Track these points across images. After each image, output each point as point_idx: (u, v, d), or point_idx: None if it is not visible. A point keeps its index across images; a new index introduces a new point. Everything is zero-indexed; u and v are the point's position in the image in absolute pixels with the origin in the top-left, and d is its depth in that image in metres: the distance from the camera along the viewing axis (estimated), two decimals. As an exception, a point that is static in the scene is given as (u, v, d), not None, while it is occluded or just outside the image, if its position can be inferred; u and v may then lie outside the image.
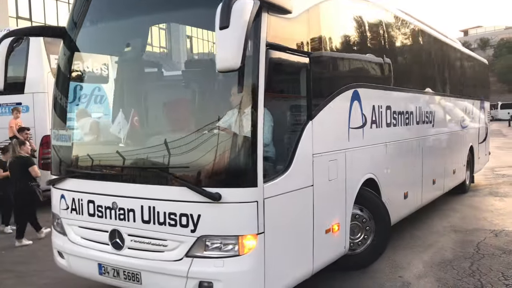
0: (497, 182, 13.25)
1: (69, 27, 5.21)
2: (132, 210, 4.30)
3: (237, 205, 3.91)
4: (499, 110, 59.10)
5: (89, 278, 4.98)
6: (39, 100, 10.90)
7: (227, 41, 3.36)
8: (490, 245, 7.04)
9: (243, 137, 3.90)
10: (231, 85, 3.91)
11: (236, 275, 3.94)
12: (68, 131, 5.12)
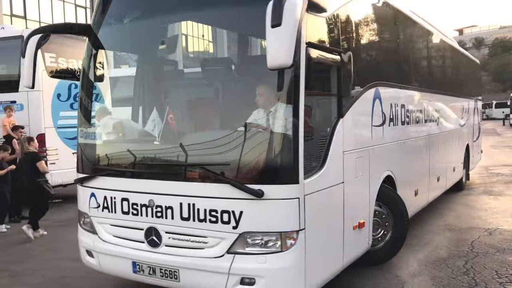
0: (492, 181, 13.30)
1: (95, 25, 5.14)
2: (170, 207, 4.30)
3: (280, 201, 3.95)
4: (494, 109, 59.36)
5: (121, 277, 4.98)
6: (34, 98, 10.85)
7: (279, 39, 3.37)
8: (484, 243, 7.06)
9: (285, 134, 3.94)
10: (273, 82, 3.89)
11: (278, 271, 3.98)
12: (98, 129, 5.09)
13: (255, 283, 4.01)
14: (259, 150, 4.01)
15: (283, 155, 3.97)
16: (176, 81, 5.54)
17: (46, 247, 7.61)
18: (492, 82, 76.63)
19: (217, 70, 5.40)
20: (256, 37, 4.83)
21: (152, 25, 5.12)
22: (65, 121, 11.33)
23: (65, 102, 11.41)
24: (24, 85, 4.89)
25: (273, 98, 4.07)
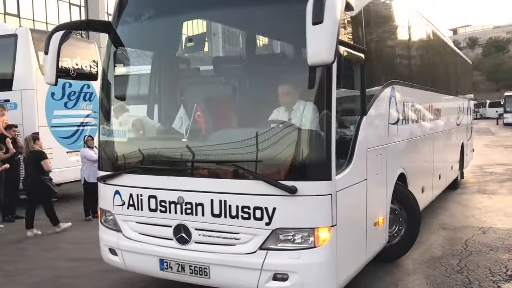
0: (485, 179, 13.38)
1: (116, 22, 5.12)
2: (200, 204, 4.29)
3: (313, 198, 3.98)
4: (488, 109, 59.66)
5: (147, 275, 4.95)
6: (27, 97, 10.81)
7: (320, 36, 3.37)
8: (478, 242, 7.10)
9: (318, 131, 3.99)
10: (305, 80, 3.89)
11: (312, 266, 4.01)
12: (121, 127, 5.07)
13: (288, 278, 4.04)
14: (292, 147, 4.05)
15: (316, 152, 4.01)
16: (204, 79, 5.53)
17: (41, 246, 7.59)
18: (486, 82, 76.97)
19: (246, 67, 5.39)
20: (286, 35, 4.80)
21: (177, 21, 5.14)
22: (59, 120, 11.31)
23: (59, 101, 11.38)
24: (46, 82, 4.90)
25: (306, 96, 4.11)
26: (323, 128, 3.96)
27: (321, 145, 3.98)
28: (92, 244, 7.55)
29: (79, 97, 11.98)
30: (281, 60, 5.11)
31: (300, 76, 4.01)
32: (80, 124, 11.98)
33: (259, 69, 5.16)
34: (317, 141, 4.01)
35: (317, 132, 3.99)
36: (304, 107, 4.13)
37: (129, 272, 6.05)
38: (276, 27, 4.68)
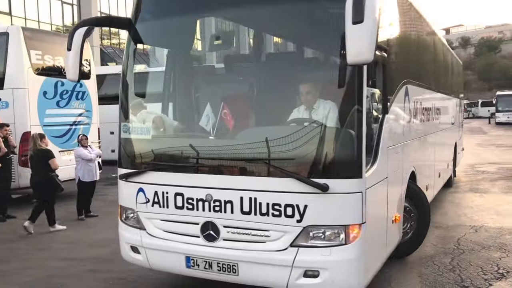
0: (477, 178, 13.46)
1: (136, 19, 5.06)
2: (229, 201, 4.29)
3: (344, 195, 4.02)
4: (480, 108, 60.02)
5: (172, 272, 4.92)
6: (19, 95, 10.73)
7: (360, 35, 3.41)
8: (470, 240, 7.14)
9: (349, 129, 4.02)
10: (338, 78, 3.98)
11: (343, 263, 4.04)
12: (144, 124, 5.02)
13: (318, 275, 4.06)
14: (324, 145, 4.08)
15: (348, 150, 4.05)
16: (229, 77, 5.50)
17: (33, 246, 7.54)
18: (478, 81, 77.43)
19: (273, 66, 5.34)
20: (314, 33, 4.77)
21: (199, 19, 5.16)
22: (51, 119, 11.24)
23: (51, 100, 11.31)
24: (69, 78, 4.80)
25: (339, 94, 4.12)
26: (354, 127, 4.00)
27: (352, 143, 4.01)
28: (84, 243, 7.55)
29: (72, 96, 11.91)
30: (308, 59, 5.14)
31: (329, 75, 4.08)
32: (72, 123, 11.91)
33: (286, 67, 5.15)
34: (349, 140, 4.04)
35: (349, 130, 4.02)
36: (328, 106, 4.21)
37: (122, 272, 6.05)
38: (303, 26, 4.67)
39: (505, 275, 5.70)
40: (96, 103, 12.69)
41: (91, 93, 12.46)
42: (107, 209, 10.20)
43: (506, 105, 43.93)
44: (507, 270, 5.85)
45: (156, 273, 5.98)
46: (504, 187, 11.95)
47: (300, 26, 4.72)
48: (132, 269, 6.19)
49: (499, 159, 17.93)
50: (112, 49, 31.31)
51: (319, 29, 4.47)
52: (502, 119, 44.46)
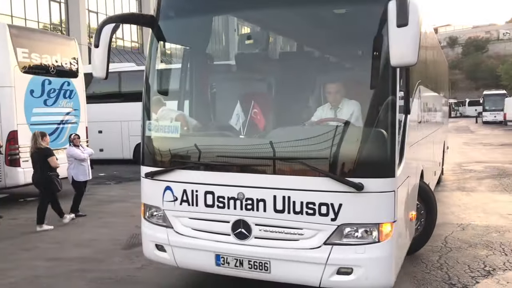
0: (464, 177, 13.57)
1: (159, 17, 5.01)
2: (262, 200, 4.29)
3: (378, 194, 4.07)
4: (467, 107, 60.59)
5: (200, 270, 4.89)
6: (5, 94, 10.60)
7: (405, 38, 3.51)
8: (457, 238, 7.20)
9: (383, 129, 4.07)
10: (372, 79, 4.06)
11: (376, 260, 4.11)
12: (171, 122, 4.96)
13: (352, 272, 4.12)
14: (358, 145, 4.15)
15: (382, 149, 4.10)
16: (259, 75, 5.46)
17: (19, 246, 7.46)
18: (465, 81, 78.21)
19: (305, 65, 5.30)
20: (347, 34, 4.78)
21: (226, 17, 5.10)
22: (38, 118, 11.12)
23: (38, 99, 11.19)
24: (96, 75, 4.71)
25: (374, 94, 4.18)
26: (388, 127, 4.07)
27: (386, 143, 4.07)
28: (71, 243, 7.49)
29: (59, 94, 11.81)
30: (341, 60, 5.14)
31: (364, 76, 4.15)
32: (60, 122, 11.80)
33: (317, 67, 5.19)
34: (383, 140, 4.08)
35: (383, 130, 4.08)
36: (354, 106, 4.29)
37: (109, 272, 6.01)
38: (338, 27, 4.71)
39: (492, 272, 5.75)
40: (84, 102, 12.59)
41: (79, 92, 12.36)
42: (95, 209, 10.15)
43: (493, 104, 44.38)
44: (493, 267, 5.90)
45: (144, 273, 5.96)
46: (491, 185, 12.06)
47: (335, 28, 4.75)
48: (118, 268, 6.17)
49: (486, 158, 18.11)
50: (100, 48, 31.06)
51: (354, 31, 4.52)
52: (489, 118, 44.92)
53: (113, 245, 7.30)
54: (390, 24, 3.54)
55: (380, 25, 3.94)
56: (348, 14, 4.46)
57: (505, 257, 6.30)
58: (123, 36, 34.26)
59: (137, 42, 35.77)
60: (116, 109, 17.95)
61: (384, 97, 4.10)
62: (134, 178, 15.02)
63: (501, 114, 42.10)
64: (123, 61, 28.54)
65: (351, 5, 4.40)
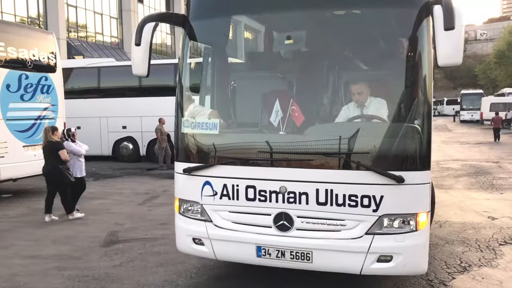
0: (442, 175, 13.78)
1: (192, 16, 5.09)
2: (304, 193, 4.47)
3: (416, 186, 4.34)
4: (445, 106, 61.47)
5: (240, 262, 4.98)
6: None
7: (451, 41, 3.87)
8: (434, 235, 7.30)
9: (421, 125, 4.35)
10: (412, 78, 4.41)
11: (413, 248, 4.39)
12: (212, 119, 5.00)
13: (391, 260, 4.38)
14: (398, 140, 4.43)
15: (420, 144, 4.38)
16: (295, 73, 5.50)
17: (-6, 244, 7.32)
18: (443, 80, 79.28)
19: (341, 63, 5.39)
20: (383, 34, 4.96)
21: (259, 16, 5.30)
22: (15, 113, 10.92)
23: (14, 93, 10.97)
24: (138, 73, 4.87)
25: (412, 92, 4.44)
26: (425, 123, 4.35)
27: (423, 138, 4.35)
28: (49, 240, 7.38)
29: (36, 89, 11.60)
30: (383, 59, 5.20)
31: (403, 75, 4.47)
32: (37, 117, 11.58)
33: (353, 65, 5.37)
34: (421, 135, 4.35)
35: (421, 126, 4.35)
36: (413, 103, 4.45)
37: (87, 270, 5.94)
38: (374, 28, 4.91)
39: (467, 268, 5.86)
40: (62, 97, 12.39)
41: (56, 87, 12.16)
42: (73, 206, 10.02)
43: (470, 103, 45.13)
44: (469, 263, 6.02)
45: (122, 271, 5.91)
46: (467, 183, 12.28)
47: (373, 29, 4.93)
48: (97, 266, 6.10)
49: (463, 156, 18.43)
50: (79, 42, 30.66)
51: (397, 32, 4.79)
52: (466, 117, 45.69)
53: (91, 243, 7.22)
54: (437, 27, 3.90)
55: (418, 27, 4.30)
56: (387, 16, 4.69)
57: (480, 253, 6.42)
58: (102, 31, 33.89)
59: (117, 38, 35.39)
60: (95, 105, 17.75)
61: (422, 96, 4.37)
62: (113, 175, 14.90)
63: (478, 113, 42.84)
64: (102, 56, 28.25)
65: (391, 8, 4.60)
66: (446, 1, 3.88)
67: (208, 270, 5.89)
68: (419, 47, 4.34)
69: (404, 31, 4.57)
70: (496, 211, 8.89)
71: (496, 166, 15.57)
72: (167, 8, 42.32)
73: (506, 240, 6.99)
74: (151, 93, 17.24)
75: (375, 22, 4.84)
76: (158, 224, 8.32)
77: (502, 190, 11.23)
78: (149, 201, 10.66)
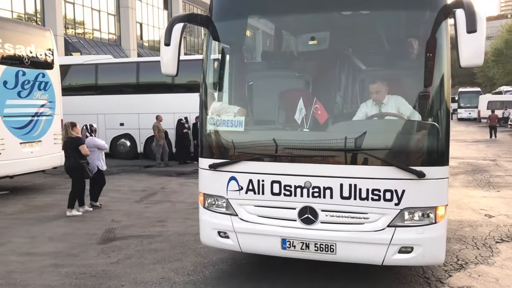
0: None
1: (215, 17, 5.24)
2: (329, 188, 4.67)
3: (436, 181, 4.57)
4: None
5: (265, 254, 5.13)
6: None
7: (474, 43, 4.09)
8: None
9: (440, 123, 4.55)
10: (433, 79, 4.58)
11: (433, 240, 4.62)
12: (237, 116, 5.19)
13: (412, 251, 4.60)
14: (420, 137, 4.68)
15: (439, 141, 4.57)
16: (319, 72, 5.56)
17: (-10, 240, 7.30)
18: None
19: (364, 63, 5.50)
20: (401, 35, 5.17)
21: (278, 17, 5.41)
22: (12, 110, 10.87)
23: (12, 90, 10.92)
24: (167, 73, 5.04)
25: (432, 91, 4.62)
26: (444, 121, 4.54)
27: (442, 135, 4.55)
28: (46, 237, 7.37)
29: (34, 86, 11.55)
30: (402, 60, 5.32)
31: (424, 76, 4.63)
32: (34, 114, 11.54)
33: (374, 64, 5.54)
34: (440, 132, 4.54)
35: (440, 124, 4.54)
36: (434, 101, 4.61)
37: (84, 267, 5.94)
38: (395, 29, 5.15)
39: (464, 266, 5.87)
40: (59, 94, 12.34)
41: (54, 84, 12.12)
42: (70, 203, 10.02)
43: (468, 101, 45.26)
44: (466, 261, 6.03)
45: (120, 268, 5.91)
46: (465, 181, 12.31)
47: (394, 30, 5.17)
48: (94, 263, 6.10)
49: (461, 154, 18.46)
50: (76, 39, 30.57)
51: (416, 33, 4.93)
52: (463, 115, 45.79)
53: (88, 240, 7.21)
54: (460, 29, 4.11)
55: (437, 29, 4.53)
56: (406, 17, 4.93)
57: (477, 251, 6.44)
58: (100, 28, 33.79)
59: (114, 34, 35.30)
60: (93, 102, 17.71)
61: (440, 94, 4.57)
62: (111, 172, 14.86)
63: (475, 111, 42.97)
64: (100, 53, 28.20)
65: (409, 10, 4.81)
66: (468, 5, 4.04)
67: (205, 268, 5.89)
68: (438, 48, 4.54)
69: (422, 32, 4.73)
70: (493, 209, 8.92)
71: (493, 164, 15.62)
72: (165, 5, 42.24)
73: (502, 238, 7.02)
74: (148, 90, 17.22)
75: (395, 24, 5.07)
76: (155, 221, 8.32)
77: (499, 188, 11.27)
78: (146, 198, 10.66)
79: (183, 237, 7.23)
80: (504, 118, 34.84)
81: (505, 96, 41.36)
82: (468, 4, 4.06)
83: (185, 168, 15.76)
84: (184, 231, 7.55)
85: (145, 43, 39.86)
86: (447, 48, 4.60)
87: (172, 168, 15.89)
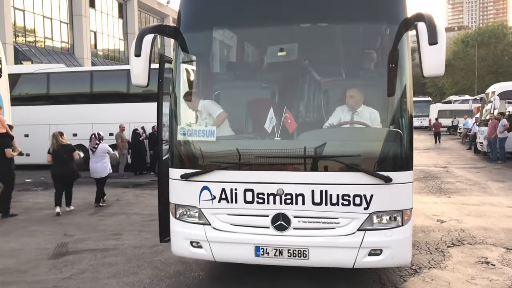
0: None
1: (183, 28, 5.24)
2: (301, 194, 4.75)
3: (402, 185, 4.75)
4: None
5: (239, 262, 5.14)
6: None
7: (435, 54, 4.30)
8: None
9: (405, 131, 4.75)
10: (394, 88, 4.74)
11: (401, 241, 4.80)
12: (208, 126, 5.21)
13: (381, 253, 4.75)
14: (385, 144, 4.84)
15: (404, 147, 4.77)
16: (290, 82, 5.60)
17: None
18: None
19: (333, 73, 5.66)
20: (370, 47, 5.39)
21: (247, 28, 5.44)
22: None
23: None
24: (138, 83, 5.00)
25: (392, 101, 4.82)
26: (406, 128, 4.75)
27: (407, 142, 4.75)
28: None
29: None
30: (361, 70, 5.56)
31: (386, 85, 4.75)
32: (-19, 124, 11.05)
33: (342, 75, 5.68)
34: (405, 139, 4.75)
35: (404, 131, 4.75)
36: (398, 109, 4.83)
37: (34, 283, 5.69)
38: (359, 41, 5.36)
39: (418, 271, 6.00)
40: (8, 103, 11.91)
41: (2, 93, 11.68)
42: (20, 217, 9.63)
43: (419, 110, 46.57)
44: (420, 266, 6.17)
45: (73, 283, 5.71)
46: (417, 187, 12.61)
47: (358, 42, 5.38)
48: (45, 279, 5.87)
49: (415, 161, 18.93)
50: (27, 47, 29.63)
51: (379, 45, 5.18)
52: (415, 123, 47.12)
53: (39, 255, 6.93)
54: (422, 42, 4.28)
55: (399, 41, 4.71)
56: (367, 30, 5.17)
57: (430, 255, 6.60)
58: (52, 36, 32.93)
59: (67, 43, 34.47)
60: (44, 112, 17.16)
61: (404, 103, 4.78)
62: (64, 184, 14.40)
63: (426, 119, 44.44)
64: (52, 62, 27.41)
65: (376, 23, 5.03)
66: (429, 19, 4.21)
67: (161, 280, 5.78)
68: (400, 59, 4.73)
69: (386, 44, 4.90)
70: (444, 214, 9.19)
71: (444, 170, 16.15)
72: (120, 14, 41.62)
73: (453, 242, 7.23)
74: (103, 100, 16.85)
75: (360, 36, 5.29)
76: (110, 234, 8.10)
77: (449, 194, 11.64)
78: (100, 210, 10.37)
79: (139, 249, 7.07)
80: (454, 127, 36.20)
81: (454, 105, 43.03)
82: (429, 18, 4.21)
83: (141, 179, 15.46)
84: (139, 244, 7.38)
85: (100, 52, 39.10)
86: (408, 59, 4.80)
87: (127, 179, 15.55)
